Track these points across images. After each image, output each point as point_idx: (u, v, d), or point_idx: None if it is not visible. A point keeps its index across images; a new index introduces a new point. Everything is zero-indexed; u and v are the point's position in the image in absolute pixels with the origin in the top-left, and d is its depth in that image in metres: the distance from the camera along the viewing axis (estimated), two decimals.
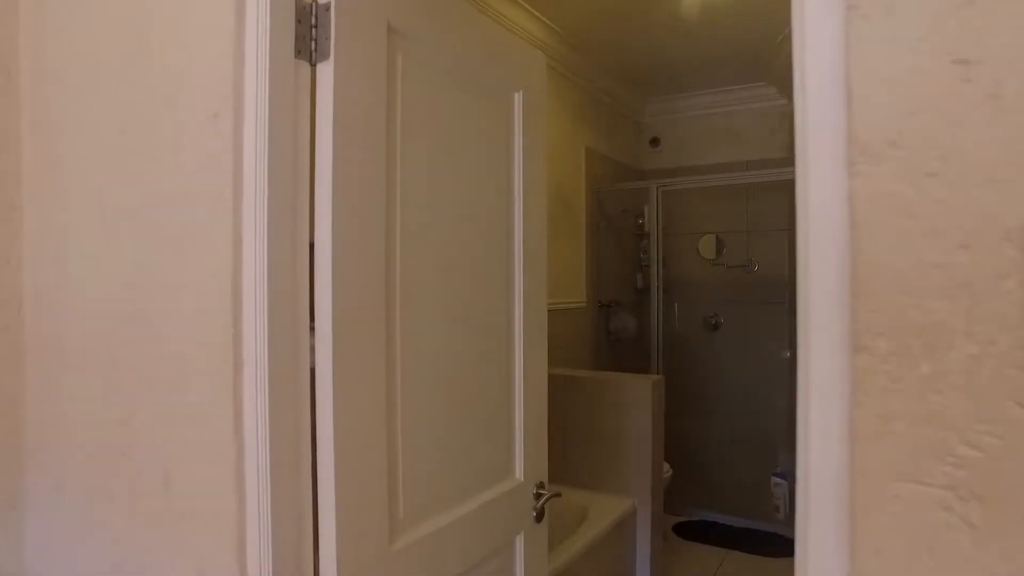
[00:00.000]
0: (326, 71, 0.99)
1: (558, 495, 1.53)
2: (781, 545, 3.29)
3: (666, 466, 2.98)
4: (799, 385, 0.51)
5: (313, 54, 0.99)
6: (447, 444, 1.24)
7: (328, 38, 0.98)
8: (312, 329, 0.99)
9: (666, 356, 3.80)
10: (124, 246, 1.03)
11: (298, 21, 0.97)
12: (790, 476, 3.51)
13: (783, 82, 3.90)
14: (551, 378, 1.63)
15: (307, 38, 0.98)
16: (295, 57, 0.96)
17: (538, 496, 1.51)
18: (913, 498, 0.44)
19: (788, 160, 3.95)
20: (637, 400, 2.63)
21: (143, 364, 1.00)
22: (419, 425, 1.17)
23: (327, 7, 0.98)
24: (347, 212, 1.01)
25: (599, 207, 3.90)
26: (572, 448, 2.80)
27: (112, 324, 1.05)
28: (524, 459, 1.48)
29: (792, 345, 3.55)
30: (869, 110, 0.45)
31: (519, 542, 1.46)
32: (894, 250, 0.45)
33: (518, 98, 1.48)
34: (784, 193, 3.76)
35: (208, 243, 0.92)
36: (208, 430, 0.93)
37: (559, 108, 3.51)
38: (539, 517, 1.50)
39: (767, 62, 3.77)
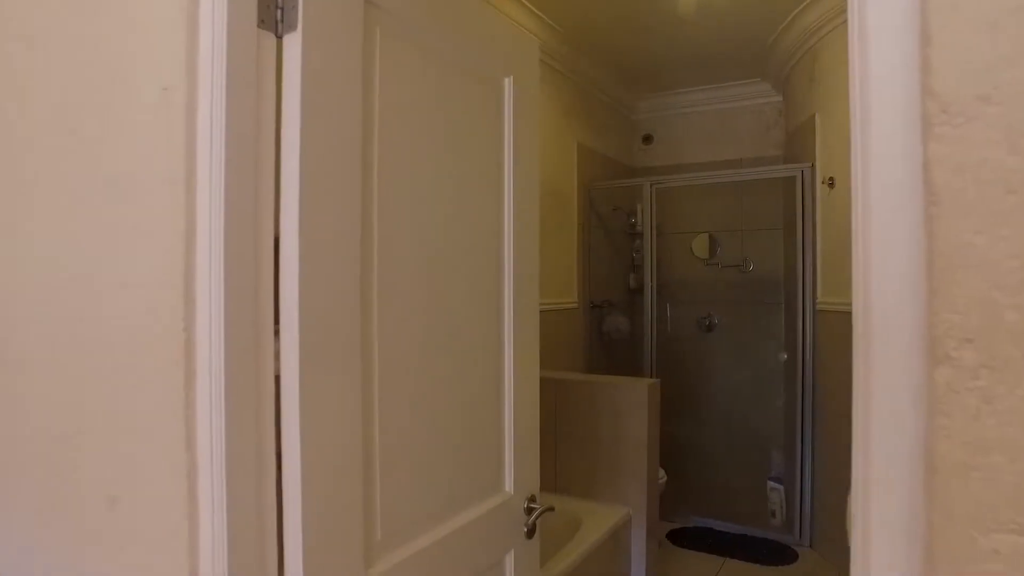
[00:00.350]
0: (293, 44, 0.88)
1: (551, 509, 1.43)
2: (778, 552, 3.20)
3: (661, 472, 2.89)
4: (855, 406, 0.41)
5: (279, 25, 0.88)
6: (430, 457, 1.14)
7: (296, 7, 0.88)
8: (277, 332, 0.89)
9: (659, 358, 3.72)
10: (69, 240, 0.92)
11: None
12: (786, 481, 3.43)
13: (778, 78, 3.82)
14: (542, 382, 1.53)
15: (272, 6, 0.88)
16: (258, 27, 0.86)
17: (529, 511, 1.41)
18: (1019, 553, 0.34)
19: (783, 157, 3.88)
20: (632, 404, 2.54)
21: (89, 371, 0.89)
22: (399, 437, 1.06)
23: None
24: (317, 202, 0.90)
25: (591, 205, 3.81)
26: (564, 455, 2.70)
27: (56, 326, 0.94)
28: (514, 471, 1.38)
29: (788, 346, 3.47)
30: (954, 56, 0.36)
31: (509, 560, 1.36)
32: (987, 233, 0.35)
33: (508, 84, 1.38)
34: (779, 190, 3.68)
35: (158, 235, 0.82)
36: (158, 445, 0.82)
37: (550, 103, 3.41)
38: (530, 533, 1.40)
39: (762, 58, 3.70)
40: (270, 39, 0.87)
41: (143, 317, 0.83)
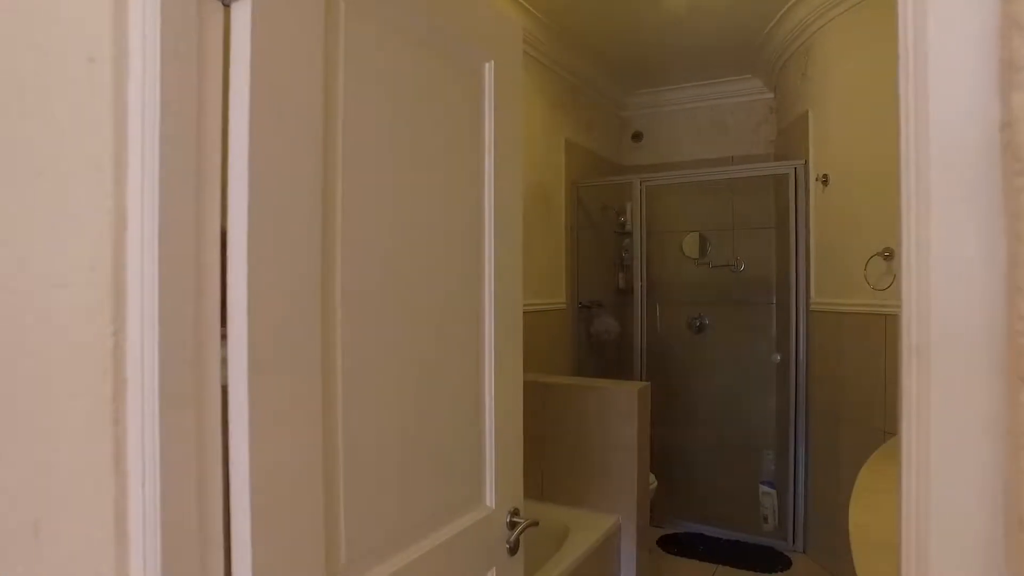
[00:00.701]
0: (243, 12, 0.79)
1: (535, 524, 1.34)
2: (771, 559, 3.13)
3: (651, 477, 2.80)
4: (904, 437, 0.33)
5: None
6: (402, 472, 1.05)
7: None
8: (225, 337, 0.79)
9: (649, 359, 3.64)
10: None
11: None
12: (778, 485, 3.36)
13: (769, 75, 3.76)
14: (527, 386, 1.44)
15: None
16: None
17: (512, 525, 1.32)
18: None
19: (774, 155, 3.82)
20: (622, 409, 2.45)
21: (6, 383, 0.79)
22: (366, 452, 0.97)
23: None
24: (270, 191, 0.81)
25: (579, 203, 3.73)
26: (551, 461, 2.61)
27: None
28: (496, 483, 1.29)
29: (781, 347, 3.40)
30: None
31: None
32: None
33: (489, 68, 1.29)
34: (771, 189, 3.62)
35: (84, 227, 0.72)
36: (82, 466, 0.72)
37: (537, 98, 3.33)
38: (513, 549, 1.31)
39: (754, 54, 3.63)
40: (215, 5, 0.77)
41: (68, 320, 0.73)
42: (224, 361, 0.79)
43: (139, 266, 0.70)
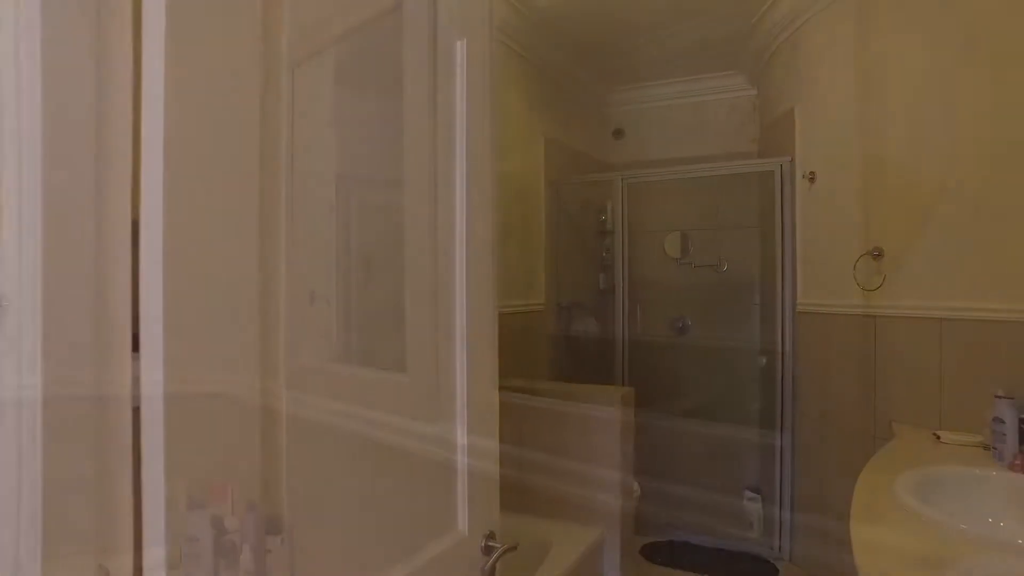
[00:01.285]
0: None
1: (513, 548, 1.21)
2: (758, 567, 3.04)
3: (635, 484, 2.70)
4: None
5: None
6: (360, 499, 0.92)
7: None
8: (137, 349, 0.65)
9: (631, 362, 3.54)
10: None
11: None
12: (764, 490, 3.28)
13: (754, 70, 3.68)
14: (505, 391, 1.31)
15: None
16: None
17: (488, 550, 1.20)
18: None
19: (757, 152, 3.74)
20: (604, 415, 2.34)
21: None
22: (317, 477, 0.84)
23: None
24: (194, 171, 0.67)
25: (558, 201, 3.61)
26: (529, 471, 2.49)
27: None
28: (469, 506, 1.16)
29: (766, 349, 3.32)
30: None
31: None
32: None
33: (461, 48, 1.16)
34: (754, 187, 3.54)
35: None
36: None
37: (516, 93, 3.21)
38: None
39: (738, 49, 3.55)
40: None
41: None
42: (137, 379, 0.65)
43: (16, 262, 0.57)
